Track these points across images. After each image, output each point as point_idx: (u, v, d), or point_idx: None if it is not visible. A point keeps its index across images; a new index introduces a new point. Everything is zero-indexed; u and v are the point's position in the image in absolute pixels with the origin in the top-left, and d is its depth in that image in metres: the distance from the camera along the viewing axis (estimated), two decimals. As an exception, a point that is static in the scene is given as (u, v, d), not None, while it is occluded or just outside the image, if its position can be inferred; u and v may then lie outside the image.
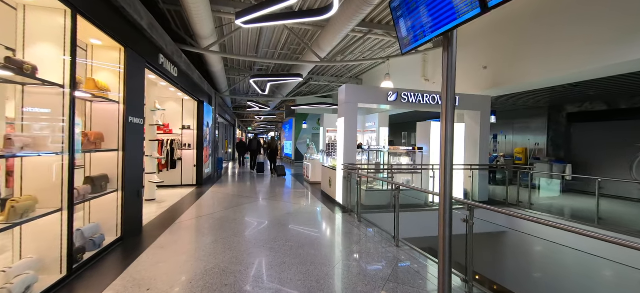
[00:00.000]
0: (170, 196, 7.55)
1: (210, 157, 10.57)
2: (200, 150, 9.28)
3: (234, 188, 9.03)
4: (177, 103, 9.04)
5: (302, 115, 18.46)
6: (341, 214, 6.06)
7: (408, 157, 7.41)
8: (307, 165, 10.89)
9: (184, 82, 7.37)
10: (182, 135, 9.09)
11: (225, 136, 20.09)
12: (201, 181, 9.30)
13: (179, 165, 9.05)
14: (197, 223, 5.18)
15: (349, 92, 6.50)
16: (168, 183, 8.90)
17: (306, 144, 18.46)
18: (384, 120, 12.13)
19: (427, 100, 6.88)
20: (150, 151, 6.89)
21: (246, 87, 16.33)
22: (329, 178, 7.65)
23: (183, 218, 5.49)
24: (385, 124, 12.14)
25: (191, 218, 5.52)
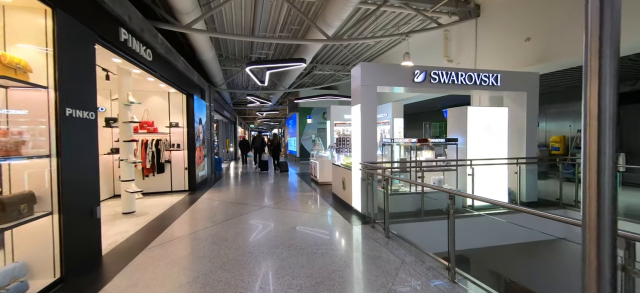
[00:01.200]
0: (155, 206, 6.32)
1: (205, 158, 9.33)
2: (192, 151, 8.03)
3: (232, 193, 7.77)
4: (162, 97, 7.78)
5: (306, 109, 17.14)
6: (361, 226, 4.76)
7: (431, 152, 6.06)
8: (314, 164, 9.60)
9: (164, 69, 6.08)
10: (169, 134, 7.84)
11: (226, 134, 18.87)
12: (194, 186, 8.06)
13: (168, 168, 7.82)
14: (177, 248, 3.93)
15: (366, 73, 5.16)
16: (155, 189, 7.68)
17: (312, 139, 17.15)
18: (398, 110, 10.79)
19: (463, 79, 5.50)
20: (125, 154, 5.64)
21: (245, 81, 15.05)
22: (342, 180, 6.34)
23: (162, 239, 4.24)
24: (399, 114, 10.80)
25: (172, 238, 4.27)
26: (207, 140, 9.91)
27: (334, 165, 7.25)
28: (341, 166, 6.67)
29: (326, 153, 9.69)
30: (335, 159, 7.67)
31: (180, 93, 7.87)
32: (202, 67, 9.58)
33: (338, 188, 6.79)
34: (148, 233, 4.52)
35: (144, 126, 7.41)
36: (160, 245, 4.03)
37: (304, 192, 7.84)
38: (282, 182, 9.76)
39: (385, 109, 11.12)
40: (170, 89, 7.32)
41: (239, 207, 6.10)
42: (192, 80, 8.12)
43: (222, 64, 11.41)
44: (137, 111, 7.44)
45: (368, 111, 5.19)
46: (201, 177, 8.81)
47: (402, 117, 11.00)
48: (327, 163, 8.99)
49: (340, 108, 11.95)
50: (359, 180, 5.25)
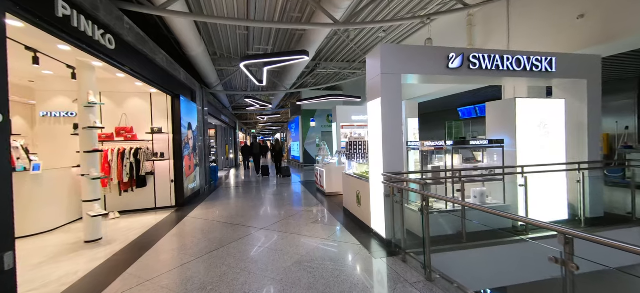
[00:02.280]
0: (130, 230, 5.16)
1: (196, 168, 8.18)
2: (179, 160, 6.88)
3: (226, 210, 6.59)
4: (143, 99, 6.66)
5: (309, 112, 15.99)
6: (386, 260, 3.55)
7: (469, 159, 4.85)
8: (320, 171, 8.40)
9: (137, 63, 4.96)
10: (152, 141, 6.71)
11: (225, 140, 17.77)
12: (182, 200, 6.90)
13: (151, 181, 6.67)
14: (130, 304, 2.75)
15: (388, 58, 3.98)
16: (136, 206, 6.54)
17: (316, 144, 15.99)
18: (412, 109, 9.59)
19: (509, 64, 4.30)
20: (86, 168, 4.50)
21: (243, 83, 13.95)
22: (357, 193, 5.14)
23: (118, 287, 3.07)
24: (414, 113, 9.59)
25: (132, 286, 3.09)
26: (199, 147, 8.77)
27: (345, 175, 6.04)
28: (354, 176, 5.47)
29: (333, 159, 8.50)
30: (346, 167, 6.47)
31: (163, 94, 6.75)
32: (192, 65, 8.48)
33: (351, 202, 5.59)
34: (105, 275, 3.35)
35: (121, 133, 6.28)
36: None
37: (309, 207, 6.64)
38: (284, 192, 8.57)
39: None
40: (149, 88, 6.20)
41: (230, 230, 4.91)
42: (178, 79, 6.99)
43: (216, 64, 10.31)
44: (113, 115, 6.35)
45: (391, 107, 4.00)
46: (192, 190, 7.65)
47: (416, 116, 9.80)
48: (335, 172, 7.79)
49: (348, 109, 10.77)
50: (379, 194, 4.05)
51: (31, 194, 4.98)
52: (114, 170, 6.01)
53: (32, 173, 4.98)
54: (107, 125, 6.36)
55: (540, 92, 6.18)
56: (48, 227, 5.21)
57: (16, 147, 5.46)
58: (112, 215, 6.05)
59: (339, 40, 9.33)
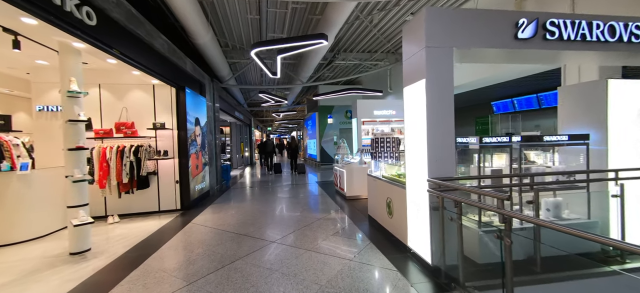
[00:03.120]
0: (125, 238, 4.50)
1: (205, 167, 7.51)
2: (184, 159, 6.20)
3: (235, 215, 5.84)
4: (145, 92, 6.01)
5: (326, 108, 15.08)
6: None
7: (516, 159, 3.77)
8: (339, 172, 7.49)
9: (129, 46, 4.25)
10: (155, 138, 6.06)
11: (240, 138, 17.24)
12: (188, 203, 6.22)
13: (154, 182, 6.03)
14: None
15: (435, 25, 2.98)
16: (138, 210, 5.92)
17: (333, 141, 15.07)
18: None
19: (600, 33, 3.17)
20: (71, 168, 3.84)
21: (257, 78, 13.25)
22: (387, 201, 4.19)
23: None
24: None
25: (97, 325, 2.33)
26: (209, 144, 8.10)
27: (371, 177, 5.09)
28: (383, 180, 4.50)
29: (354, 158, 7.54)
30: (371, 168, 5.51)
31: (167, 86, 6.07)
32: (201, 56, 7.80)
33: (378, 210, 4.64)
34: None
35: (121, 129, 5.66)
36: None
37: (328, 213, 5.74)
38: (300, 193, 7.73)
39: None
40: (148, 78, 5.52)
41: (236, 244, 4.11)
42: (183, 69, 6.29)
43: (228, 56, 9.62)
44: (114, 110, 5.75)
45: (441, 92, 3.02)
46: (200, 191, 6.98)
47: (448, 110, 8.67)
48: (357, 173, 6.85)
49: (369, 103, 9.77)
50: (420, 205, 3.08)
51: (18, 197, 4.42)
52: (112, 170, 5.39)
53: (18, 173, 4.42)
54: (107, 120, 5.76)
55: (614, 74, 4.93)
56: (38, 233, 4.64)
57: (16, 145, 4.95)
58: (111, 219, 5.45)
59: (361, 26, 8.34)
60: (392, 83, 12.14)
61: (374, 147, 5.51)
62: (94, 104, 5.73)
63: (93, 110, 5.72)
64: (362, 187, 6.89)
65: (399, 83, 11.62)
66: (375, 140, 5.45)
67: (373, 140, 5.56)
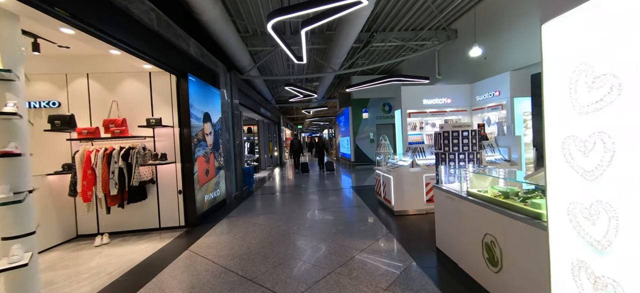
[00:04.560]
0: (97, 274, 3.26)
1: (219, 171, 6.22)
2: (189, 163, 4.92)
3: (249, 237, 4.40)
4: (140, 81, 4.81)
5: (361, 102, 13.27)
6: None
7: None
8: (383, 178, 5.72)
9: (89, 12, 2.95)
10: (153, 138, 4.84)
11: (269, 137, 16.11)
12: (194, 218, 4.94)
13: (153, 192, 4.83)
14: None
15: None
16: (133, 227, 4.76)
17: (369, 139, 13.22)
18: (521, 84, 6.42)
19: None
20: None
21: (284, 68, 11.86)
22: (487, 240, 2.37)
23: None
24: (524, 90, 6.45)
25: None
26: (226, 145, 6.83)
27: (440, 191, 3.26)
28: (472, 200, 2.67)
29: (404, 160, 5.72)
30: (442, 177, 3.64)
31: (166, 73, 4.82)
32: (215, 43, 6.52)
33: (461, 250, 2.83)
34: None
35: (110, 127, 4.50)
36: None
37: (371, 239, 4.04)
38: (333, 204, 6.10)
39: (496, 83, 6.75)
40: (139, 63, 4.26)
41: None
42: (184, 52, 4.99)
43: (249, 43, 8.31)
44: (104, 104, 4.62)
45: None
46: (211, 201, 5.69)
47: (528, 95, 6.50)
48: (410, 180, 5.03)
49: (416, 91, 7.81)
50: (580, 262, 1.28)
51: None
52: (98, 179, 4.25)
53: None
54: (96, 116, 4.66)
55: None
56: None
57: None
58: (99, 240, 4.31)
59: (407, -11, 6.46)
60: (441, 67, 9.97)
61: (439, 145, 3.68)
62: (82, 98, 4.66)
63: (82, 105, 4.65)
64: (416, 198, 5.06)
65: (450, 66, 9.44)
66: (443, 136, 3.61)
67: (437, 136, 3.72)
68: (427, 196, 5.09)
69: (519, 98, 6.28)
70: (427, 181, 5.08)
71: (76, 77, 4.64)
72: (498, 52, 7.23)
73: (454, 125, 3.57)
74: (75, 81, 4.64)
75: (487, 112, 7.14)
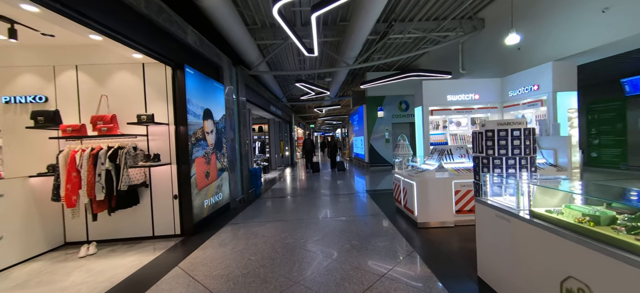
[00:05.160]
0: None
1: (221, 174, 5.68)
2: (185, 164, 4.39)
3: (249, 251, 3.82)
4: (132, 73, 4.32)
5: (376, 99, 12.49)
6: None
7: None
8: (404, 184, 4.98)
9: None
10: (147, 136, 4.35)
11: (280, 136, 15.60)
12: (190, 226, 4.41)
13: (146, 197, 4.33)
14: None
15: None
16: (129, 234, 4.29)
17: (385, 138, 12.43)
18: (566, 77, 5.53)
19: None
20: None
21: (296, 65, 11.26)
22: (573, 291, 1.65)
23: None
24: (569, 84, 5.56)
25: None
26: (231, 143, 6.30)
27: (486, 207, 2.51)
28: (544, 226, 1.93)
29: (430, 163, 4.96)
30: (488, 189, 2.88)
31: (161, 65, 4.30)
32: (218, 33, 6.00)
33: (526, 291, 2.10)
34: None
35: (97, 124, 4.02)
36: None
37: (393, 261, 3.34)
38: (346, 212, 5.42)
39: (534, 76, 5.89)
40: (127, 51, 3.75)
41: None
42: (180, 40, 4.45)
43: (257, 37, 7.76)
44: (93, 98, 4.17)
45: None
46: (212, 207, 5.15)
47: (574, 89, 5.60)
48: (436, 186, 4.29)
49: (440, 86, 7.00)
50: None
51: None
52: (83, 182, 3.78)
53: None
54: (86, 112, 4.21)
55: None
56: None
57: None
58: (85, 250, 3.85)
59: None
60: (465, 61, 9.06)
61: (479, 146, 2.94)
62: (71, 92, 4.22)
63: (70, 100, 4.21)
64: (443, 208, 4.32)
65: (475, 60, 8.52)
66: (484, 136, 2.87)
67: (479, 135, 2.98)
68: (456, 206, 4.33)
69: (562, 92, 5.39)
70: (456, 188, 4.32)
71: (64, 69, 4.20)
72: (535, 41, 6.32)
73: (501, 123, 2.82)
74: (64, 74, 4.20)
75: (521, 109, 6.26)
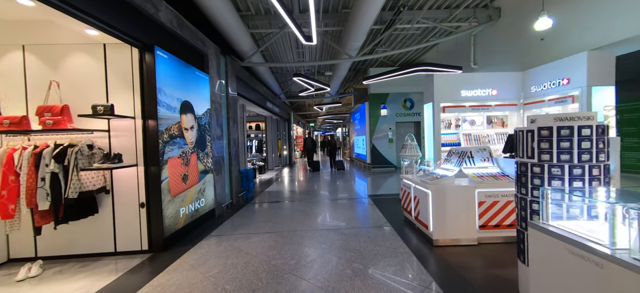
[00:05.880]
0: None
1: (205, 176, 4.93)
2: (155, 166, 3.63)
3: (231, 272, 3.08)
4: (91, 56, 3.56)
5: (379, 97, 11.71)
6: None
7: None
8: (416, 191, 4.21)
9: None
10: (108, 132, 3.59)
11: (278, 134, 14.84)
12: (161, 241, 3.66)
13: (107, 205, 3.58)
14: None
15: None
16: (84, 250, 3.54)
17: (388, 138, 11.67)
18: (604, 69, 4.77)
19: None
20: None
21: (293, 56, 10.49)
22: None
23: None
24: (607, 77, 4.78)
25: None
26: (217, 141, 5.54)
27: (576, 247, 1.75)
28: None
29: (446, 168, 4.18)
30: (548, 209, 2.09)
31: (125, 46, 3.54)
32: (203, 16, 5.24)
33: None
34: None
35: (43, 116, 3.26)
36: None
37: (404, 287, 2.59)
38: (346, 221, 4.66)
39: (563, 69, 5.12)
40: (77, 25, 2.99)
41: None
42: (149, 15, 3.68)
43: (251, 24, 7.00)
44: (42, 86, 3.41)
45: None
46: (191, 215, 4.39)
47: (612, 83, 4.82)
48: (458, 197, 3.52)
49: (453, 80, 6.24)
50: None
51: None
52: (22, 188, 3.03)
53: None
54: (34, 102, 3.46)
55: None
56: None
57: None
58: (24, 271, 3.10)
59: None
60: (477, 54, 8.27)
61: (527, 149, 2.18)
62: (16, 78, 3.47)
63: (15, 87, 3.46)
64: (465, 223, 3.55)
65: (489, 53, 7.74)
66: (535, 135, 2.11)
67: (526, 134, 2.21)
68: (480, 220, 3.57)
69: (598, 87, 4.62)
70: (480, 199, 3.56)
71: (8, 50, 3.45)
72: (563, 30, 5.54)
73: (561, 117, 2.04)
74: (7, 56, 3.45)
75: (547, 106, 5.48)
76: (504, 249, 3.41)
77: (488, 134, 6.22)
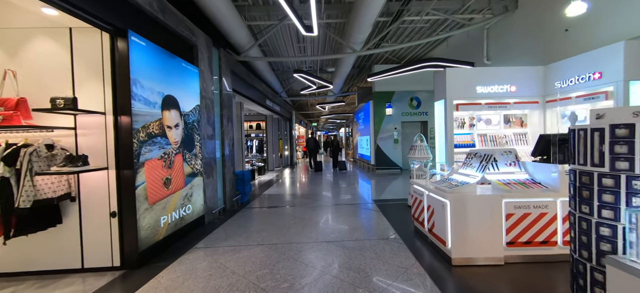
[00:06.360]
0: None
1: (192, 179, 4.42)
2: (128, 170, 3.13)
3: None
4: (57, 42, 3.07)
5: (384, 95, 11.15)
6: None
7: None
8: (430, 200, 3.66)
9: None
10: (75, 129, 3.09)
11: (279, 134, 14.34)
12: (135, 256, 3.15)
13: (73, 214, 3.08)
14: None
15: None
16: (45, 266, 3.04)
17: (393, 138, 11.10)
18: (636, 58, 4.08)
19: None
20: None
21: (295, 50, 9.97)
22: None
23: None
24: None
25: None
26: (208, 140, 5.04)
27: None
28: None
29: (466, 173, 3.61)
30: (631, 236, 1.56)
31: (95, 30, 3.04)
32: (197, 6, 4.74)
33: None
34: None
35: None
36: None
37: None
38: (348, 233, 4.12)
39: (594, 61, 4.50)
40: (43, 6, 2.50)
41: None
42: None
43: (247, 15, 6.49)
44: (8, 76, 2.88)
45: None
46: (174, 225, 3.89)
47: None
48: (482, 208, 2.96)
49: (468, 75, 5.66)
50: None
51: None
52: (-33, 195, 2.54)
53: None
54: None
55: None
56: None
57: None
58: (-30, 292, 2.61)
59: None
60: (490, 48, 7.67)
61: (585, 152, 1.62)
62: (-31, 68, 2.99)
63: (-32, 78, 2.98)
64: (489, 238, 2.99)
65: (504, 47, 7.14)
66: (605, 135, 1.56)
67: (589, 134, 1.65)
68: (507, 236, 3.01)
69: (637, 81, 4.02)
70: (508, 211, 3.00)
71: None
72: (592, 18, 4.94)
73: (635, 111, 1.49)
74: None
75: (574, 103, 4.88)
76: (536, 271, 2.85)
77: (505, 134, 5.63)
